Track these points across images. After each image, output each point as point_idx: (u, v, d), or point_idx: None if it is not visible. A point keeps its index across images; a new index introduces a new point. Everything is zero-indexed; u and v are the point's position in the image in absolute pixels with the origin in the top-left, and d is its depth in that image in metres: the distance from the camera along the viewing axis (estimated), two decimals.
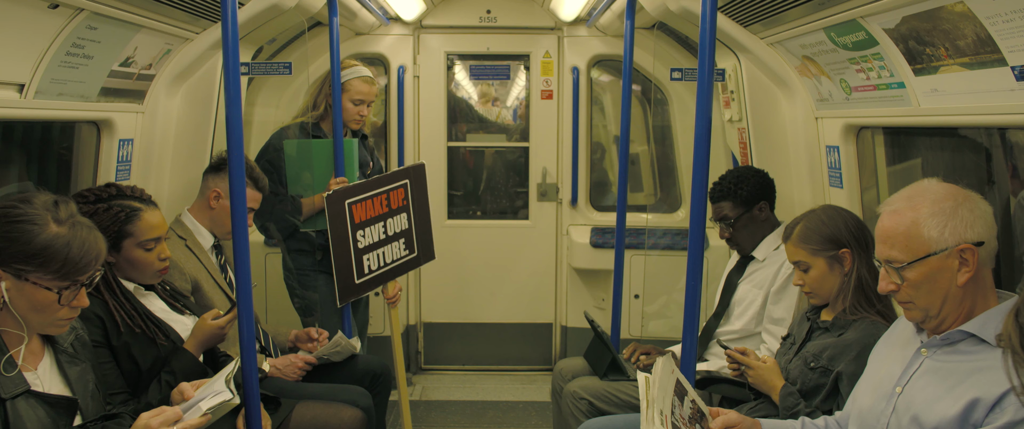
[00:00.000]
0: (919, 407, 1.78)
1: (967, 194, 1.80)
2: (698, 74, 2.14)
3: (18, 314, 1.80)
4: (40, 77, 2.38)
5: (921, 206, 1.79)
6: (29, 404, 1.80)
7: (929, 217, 1.77)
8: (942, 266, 1.77)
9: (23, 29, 2.22)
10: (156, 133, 3.20)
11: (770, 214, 3.06)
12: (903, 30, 2.27)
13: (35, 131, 2.84)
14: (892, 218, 1.82)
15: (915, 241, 1.78)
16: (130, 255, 2.45)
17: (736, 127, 3.65)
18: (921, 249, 1.77)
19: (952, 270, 1.76)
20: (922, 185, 1.84)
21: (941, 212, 1.76)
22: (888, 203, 1.85)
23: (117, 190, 2.49)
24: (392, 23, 4.84)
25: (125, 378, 2.33)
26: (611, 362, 3.12)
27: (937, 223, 1.76)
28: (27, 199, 1.83)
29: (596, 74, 5.06)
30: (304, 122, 3.61)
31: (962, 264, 1.76)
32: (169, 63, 3.11)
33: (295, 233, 3.62)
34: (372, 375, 3.27)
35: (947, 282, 1.77)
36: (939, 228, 1.76)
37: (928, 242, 1.76)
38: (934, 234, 1.76)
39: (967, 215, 1.76)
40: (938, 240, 1.76)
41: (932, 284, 1.78)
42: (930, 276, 1.78)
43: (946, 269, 1.77)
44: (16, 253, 1.77)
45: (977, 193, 1.82)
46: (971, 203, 1.78)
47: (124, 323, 2.33)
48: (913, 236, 1.78)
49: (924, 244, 1.77)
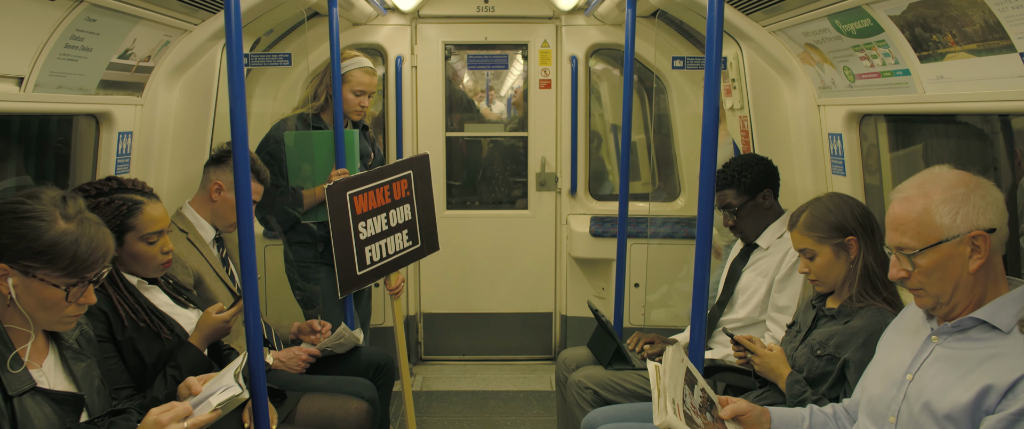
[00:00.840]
0: (930, 394, 1.79)
1: (979, 181, 1.79)
2: (705, 63, 2.13)
3: (25, 311, 1.79)
4: (39, 70, 2.35)
5: (933, 193, 1.78)
6: (35, 401, 1.79)
7: (941, 204, 1.76)
8: (954, 253, 1.76)
9: (22, 21, 2.20)
10: (155, 126, 3.17)
11: (774, 202, 3.05)
12: (909, 17, 2.26)
13: (33, 124, 2.81)
14: (903, 205, 1.82)
15: (927, 228, 1.77)
16: (133, 249, 2.43)
17: (738, 115, 3.64)
18: (933, 236, 1.77)
19: (964, 257, 1.76)
20: (933, 172, 1.84)
21: (953, 199, 1.76)
22: (899, 190, 1.85)
23: (118, 183, 2.47)
24: (389, 13, 4.81)
25: (130, 373, 2.32)
26: (616, 351, 3.12)
27: (949, 210, 1.75)
28: (35, 195, 1.80)
29: (593, 63, 5.04)
30: (304, 113, 3.58)
31: (974, 251, 1.75)
32: (168, 55, 3.08)
33: (296, 225, 3.60)
34: (376, 366, 3.27)
35: (958, 269, 1.77)
36: (951, 215, 1.75)
37: (940, 229, 1.76)
38: (946, 221, 1.75)
39: (979, 202, 1.76)
40: (950, 227, 1.75)
41: (943, 271, 1.78)
42: (942, 263, 1.78)
43: (958, 256, 1.76)
44: (24, 250, 1.75)
45: (988, 180, 1.81)
46: (983, 190, 1.77)
47: (128, 317, 2.32)
48: (925, 223, 1.77)
49: (936, 231, 1.77)
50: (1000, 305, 1.78)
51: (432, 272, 5.10)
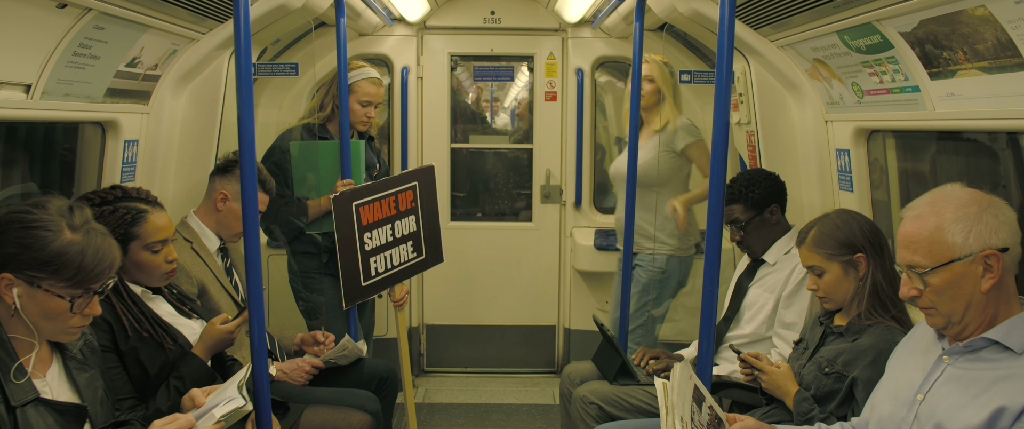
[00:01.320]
0: (942, 415, 1.77)
1: (991, 199, 1.78)
2: (716, 78, 2.12)
3: (29, 321, 1.78)
4: (46, 78, 2.35)
5: (945, 211, 1.77)
6: (38, 412, 1.77)
7: (953, 222, 1.75)
8: (966, 272, 1.75)
9: (30, 29, 2.20)
10: (161, 134, 3.17)
11: (781, 217, 3.04)
12: (920, 34, 2.25)
13: (38, 132, 2.82)
14: (915, 223, 1.80)
15: (939, 246, 1.76)
16: (137, 257, 2.42)
17: (744, 130, 3.63)
18: (945, 254, 1.76)
19: (976, 276, 1.75)
20: (946, 190, 1.83)
21: (966, 217, 1.75)
22: (911, 208, 1.84)
23: (123, 192, 2.47)
24: (396, 24, 4.82)
25: (133, 383, 2.30)
26: (621, 366, 3.10)
27: (962, 228, 1.74)
28: (42, 204, 1.80)
29: (598, 75, 5.04)
30: (310, 123, 3.58)
31: (986, 270, 1.74)
32: (175, 63, 3.09)
33: (300, 235, 3.59)
34: (379, 379, 3.25)
35: (971, 288, 1.76)
36: (963, 233, 1.74)
37: (952, 247, 1.75)
38: (958, 239, 1.74)
39: (992, 221, 1.74)
40: (962, 246, 1.74)
41: (955, 290, 1.77)
42: (954, 282, 1.76)
43: (970, 275, 1.75)
44: (29, 260, 1.74)
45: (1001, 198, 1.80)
46: (996, 209, 1.76)
47: (132, 327, 2.31)
48: (937, 241, 1.76)
49: (948, 249, 1.75)
50: (1012, 325, 1.76)
51: (436, 283, 5.09)
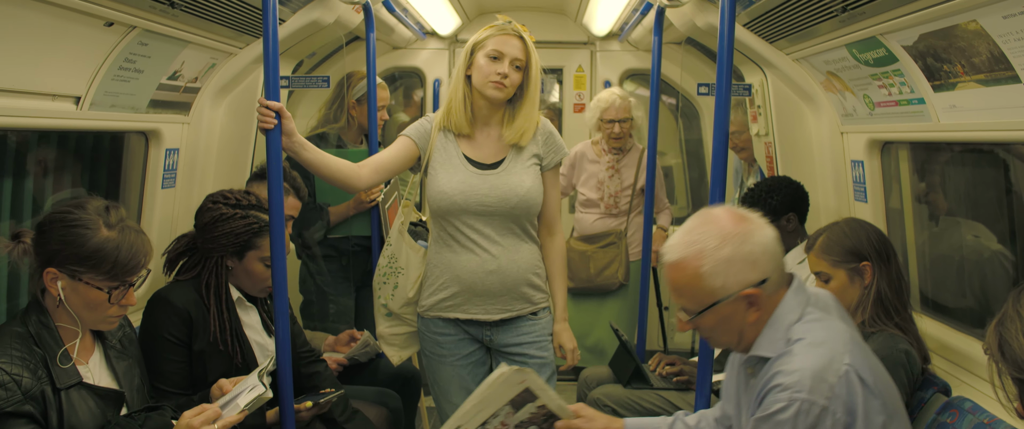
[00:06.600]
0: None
1: (745, 229, 1.79)
2: (716, 88, 2.22)
3: (73, 311, 1.94)
4: (95, 90, 2.50)
5: (701, 256, 1.77)
6: (81, 395, 1.93)
7: (710, 269, 1.76)
8: (732, 310, 1.80)
9: (80, 46, 2.35)
10: (200, 143, 3.33)
11: (798, 226, 3.07)
12: (921, 47, 2.30)
13: (87, 140, 2.98)
14: (674, 271, 1.82)
15: (701, 292, 1.79)
16: (250, 267, 2.51)
17: (763, 141, 3.69)
18: (707, 299, 1.79)
19: (742, 310, 1.80)
20: (699, 224, 1.83)
21: (720, 261, 1.76)
22: (670, 250, 1.84)
23: (257, 200, 2.56)
24: (428, 37, 4.96)
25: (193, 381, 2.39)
26: (635, 370, 3.18)
27: (718, 273, 1.76)
28: (81, 205, 1.96)
29: (626, 87, 5.11)
30: (325, 133, 3.68)
31: (750, 305, 1.79)
32: (214, 76, 3.24)
33: (323, 240, 3.68)
34: (402, 379, 3.35)
35: (739, 321, 1.82)
36: (722, 277, 1.76)
37: (713, 292, 1.78)
38: (718, 283, 1.77)
39: (746, 257, 1.77)
40: (722, 288, 1.77)
41: (726, 325, 1.83)
42: (723, 318, 1.82)
43: (736, 311, 1.80)
44: (71, 255, 1.90)
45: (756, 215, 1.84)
46: (749, 240, 1.78)
47: (215, 334, 2.40)
48: (698, 288, 1.79)
49: (709, 295, 1.79)
50: (764, 338, 1.83)
51: None
